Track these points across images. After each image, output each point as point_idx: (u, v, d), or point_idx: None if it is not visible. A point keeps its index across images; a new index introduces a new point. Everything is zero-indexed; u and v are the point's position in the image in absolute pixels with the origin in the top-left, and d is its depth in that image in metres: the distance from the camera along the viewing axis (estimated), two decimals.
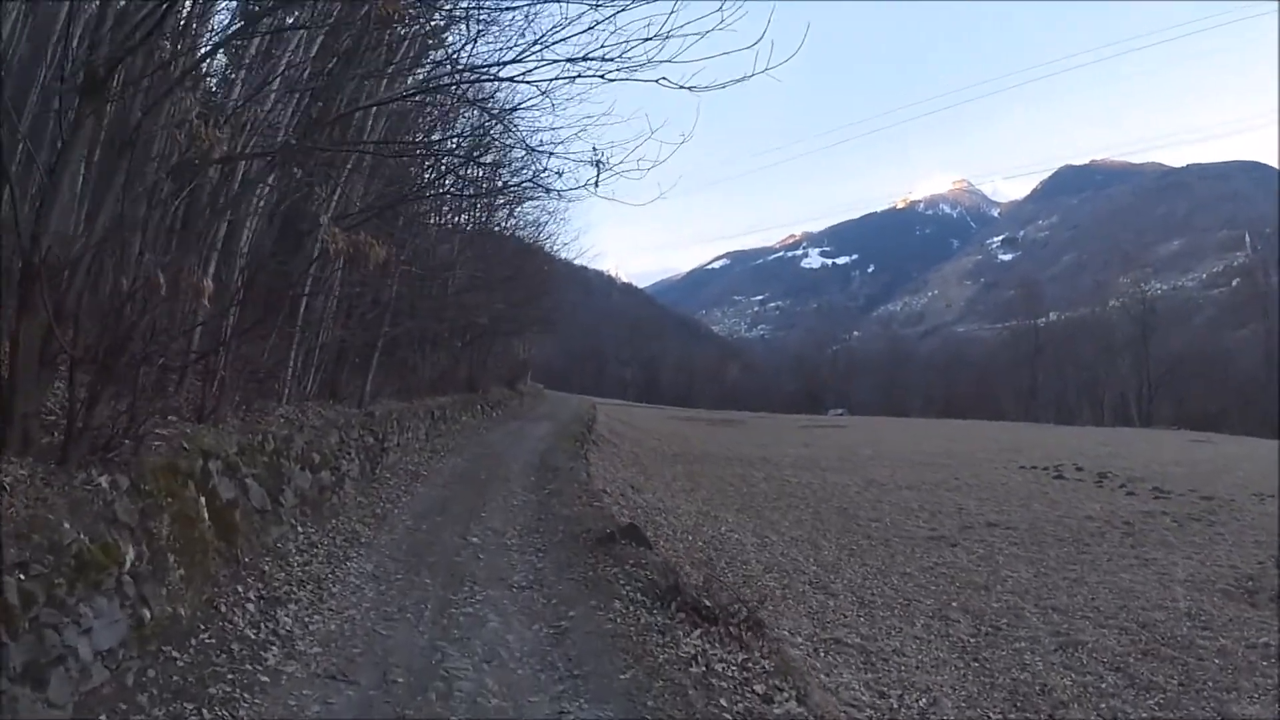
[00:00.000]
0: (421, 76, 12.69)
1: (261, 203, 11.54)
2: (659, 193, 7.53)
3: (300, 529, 9.27)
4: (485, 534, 10.81)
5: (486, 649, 6.63)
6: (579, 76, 6.00)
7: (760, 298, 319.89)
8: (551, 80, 6.35)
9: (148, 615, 5.30)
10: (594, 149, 6.96)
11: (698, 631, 7.50)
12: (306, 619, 6.76)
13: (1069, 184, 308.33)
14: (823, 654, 10.11)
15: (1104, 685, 9.37)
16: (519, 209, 28.88)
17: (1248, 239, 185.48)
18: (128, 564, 5.13)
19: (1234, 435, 52.25)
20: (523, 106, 7.65)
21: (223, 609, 6.36)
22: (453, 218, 24.19)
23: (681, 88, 5.64)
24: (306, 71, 10.06)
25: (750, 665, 7.01)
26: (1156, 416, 76.70)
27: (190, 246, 8.10)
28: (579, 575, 9.04)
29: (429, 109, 14.99)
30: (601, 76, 5.86)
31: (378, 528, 10.54)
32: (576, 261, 39.76)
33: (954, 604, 12.85)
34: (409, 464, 15.87)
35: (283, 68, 9.92)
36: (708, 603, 7.98)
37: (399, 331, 19.29)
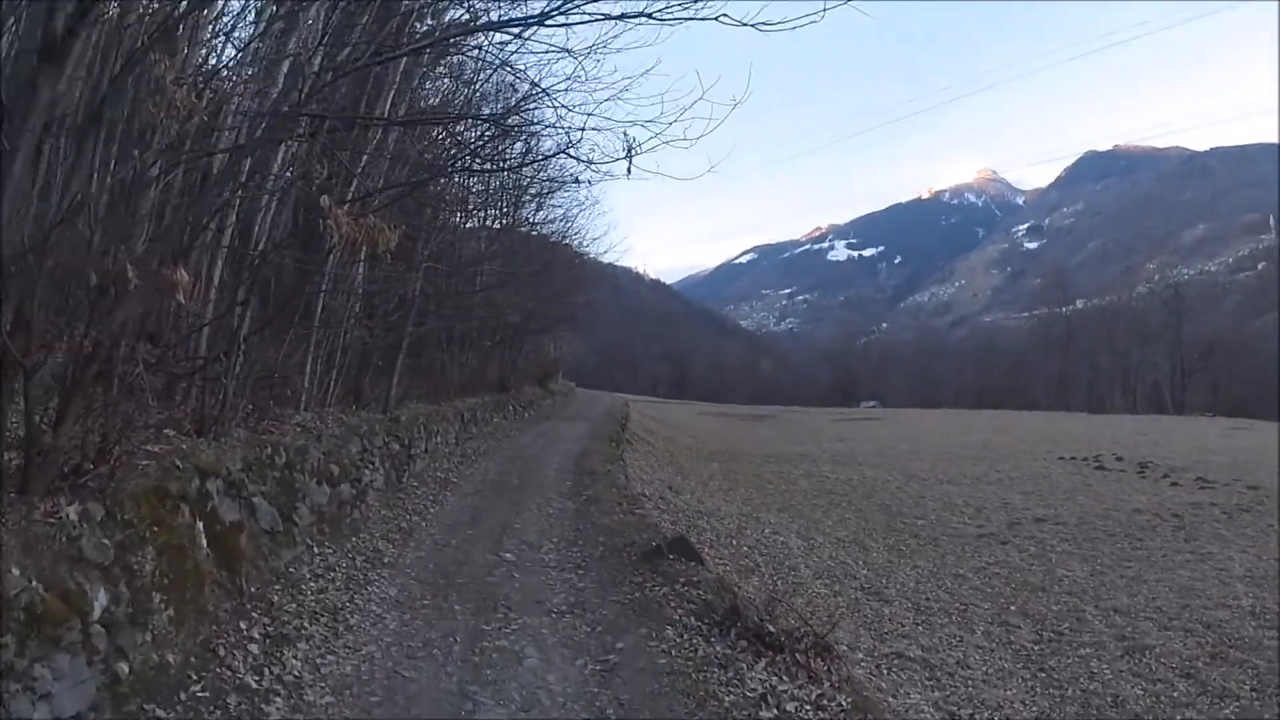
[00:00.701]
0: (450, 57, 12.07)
1: (275, 200, 10.82)
2: (709, 165, 6.68)
3: (316, 550, 8.44)
4: (520, 549, 9.98)
5: (525, 694, 5.74)
6: (623, 17, 5.18)
7: (788, 291, 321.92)
8: (592, 21, 5.48)
9: (125, 669, 4.44)
10: (625, 134, 6.15)
11: (762, 663, 6.60)
12: (318, 660, 5.89)
13: (1093, 170, 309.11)
14: (886, 671, 9.63)
15: (1176, 694, 9.10)
16: (547, 202, 28.64)
17: (1273, 222, 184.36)
18: (97, 611, 4.27)
19: (1269, 421, 51.25)
20: (552, 51, 6.77)
21: (221, 652, 5.49)
22: (479, 211, 23.77)
23: (745, 25, 4.82)
24: (323, 42, 9.26)
25: (825, 703, 6.13)
26: (1189, 403, 76.09)
27: (186, 237, 7.28)
28: (625, 597, 8.13)
29: (453, 94, 14.36)
30: (649, 16, 5.04)
31: (403, 544, 9.76)
32: (605, 258, 39.21)
33: (1012, 607, 12.63)
34: (438, 471, 15.15)
35: (292, 46, 9.23)
36: (771, 628, 7.07)
37: (425, 331, 18.72)
